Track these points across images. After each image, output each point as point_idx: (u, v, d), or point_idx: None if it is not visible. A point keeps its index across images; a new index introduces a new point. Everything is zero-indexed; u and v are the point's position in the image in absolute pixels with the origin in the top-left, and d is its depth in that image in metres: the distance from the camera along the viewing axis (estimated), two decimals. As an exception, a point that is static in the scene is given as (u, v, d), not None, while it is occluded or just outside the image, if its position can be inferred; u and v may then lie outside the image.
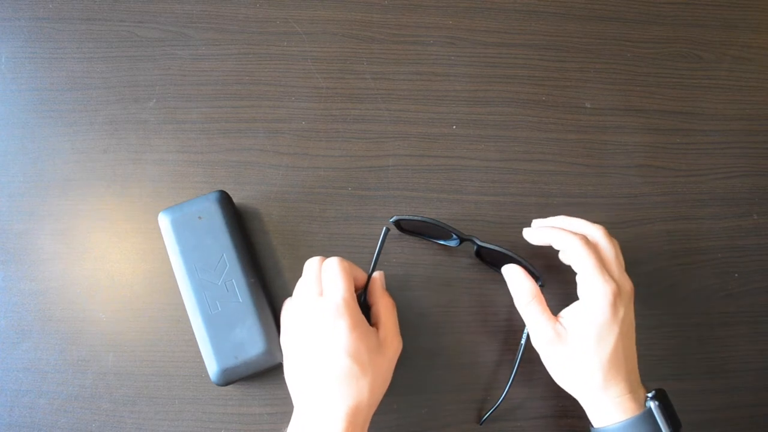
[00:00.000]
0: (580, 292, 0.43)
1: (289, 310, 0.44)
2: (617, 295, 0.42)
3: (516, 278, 0.46)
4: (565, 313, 0.45)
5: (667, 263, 0.54)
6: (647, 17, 0.61)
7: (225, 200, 0.49)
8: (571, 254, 0.44)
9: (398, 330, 0.44)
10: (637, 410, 0.41)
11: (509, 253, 0.46)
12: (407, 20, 0.59)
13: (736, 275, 0.54)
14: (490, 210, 0.54)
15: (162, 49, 0.56)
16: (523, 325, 0.49)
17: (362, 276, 0.45)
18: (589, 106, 0.58)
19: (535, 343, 0.45)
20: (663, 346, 0.52)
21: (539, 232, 0.47)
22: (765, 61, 0.61)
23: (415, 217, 0.48)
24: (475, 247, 0.49)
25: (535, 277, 0.48)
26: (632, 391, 0.42)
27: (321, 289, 0.42)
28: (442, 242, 0.52)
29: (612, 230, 0.54)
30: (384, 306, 0.44)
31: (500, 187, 0.55)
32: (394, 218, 0.49)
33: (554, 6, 0.60)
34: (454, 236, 0.49)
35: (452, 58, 0.58)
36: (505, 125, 0.57)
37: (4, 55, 0.56)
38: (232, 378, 0.45)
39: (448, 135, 0.56)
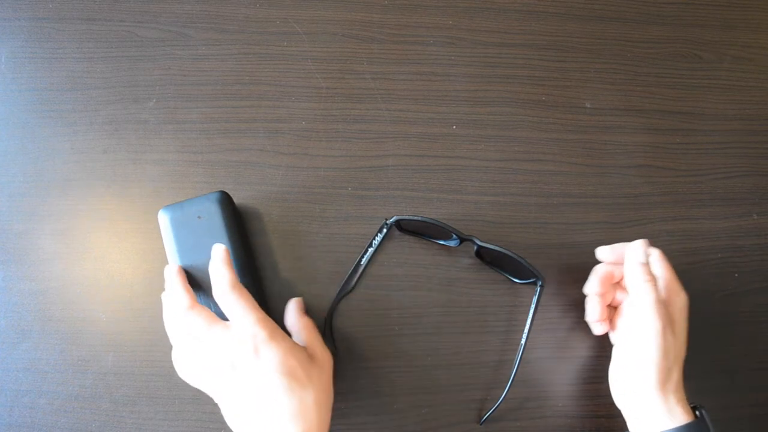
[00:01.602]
0: (667, 293, 0.45)
1: (187, 347, 0.40)
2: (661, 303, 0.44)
3: (640, 257, 0.46)
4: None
5: (667, 263, 0.54)
6: (647, 17, 0.61)
7: (225, 201, 0.49)
8: (657, 262, 0.47)
9: (324, 343, 0.45)
10: (689, 417, 0.41)
11: (509, 253, 0.46)
12: (407, 20, 0.59)
13: (736, 275, 0.54)
14: (490, 210, 0.54)
15: (162, 49, 0.56)
16: (523, 326, 0.49)
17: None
18: (589, 106, 0.58)
19: (647, 321, 0.43)
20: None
21: (616, 247, 0.49)
22: (765, 61, 0.61)
23: (416, 217, 0.48)
24: (475, 247, 0.49)
25: (535, 277, 0.48)
26: (684, 398, 0.42)
27: (208, 316, 0.40)
28: (442, 242, 0.52)
29: (612, 230, 0.54)
30: (304, 325, 0.45)
31: (500, 187, 0.55)
32: (395, 218, 0.49)
33: (554, 6, 0.60)
34: (454, 236, 0.49)
35: (452, 58, 0.58)
36: (505, 125, 0.57)
37: (4, 55, 0.56)
38: None
39: (448, 135, 0.56)
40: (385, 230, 0.51)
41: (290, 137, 0.55)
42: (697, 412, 0.42)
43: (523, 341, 0.48)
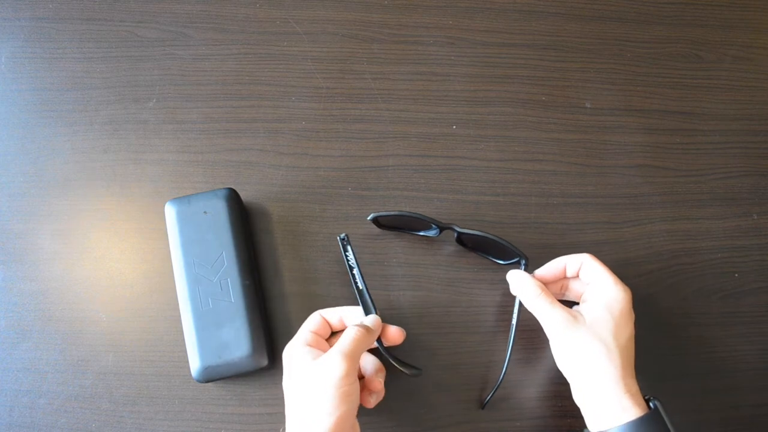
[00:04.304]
0: (595, 293, 0.45)
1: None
2: (631, 300, 0.44)
3: (518, 279, 0.47)
4: (580, 306, 0.45)
5: (667, 263, 0.54)
6: (647, 17, 0.61)
7: (233, 198, 0.49)
8: (588, 266, 0.46)
9: (345, 352, 0.40)
10: (644, 410, 0.40)
11: (488, 236, 0.46)
12: (407, 20, 0.59)
13: (736, 275, 0.54)
14: (490, 210, 0.54)
15: (162, 49, 0.56)
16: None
17: (347, 315, 0.46)
18: (589, 106, 0.58)
19: (551, 332, 0.44)
20: (663, 346, 0.52)
21: (547, 266, 0.48)
22: (765, 61, 0.61)
23: (392, 212, 0.49)
24: (456, 234, 0.50)
25: (519, 257, 0.48)
26: (638, 392, 0.42)
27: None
28: (422, 233, 0.52)
29: (612, 230, 0.54)
30: (343, 335, 0.42)
31: (500, 187, 0.55)
32: (372, 216, 0.49)
33: (554, 6, 0.60)
34: (434, 226, 0.50)
35: (452, 58, 0.58)
36: (505, 125, 0.57)
37: (4, 55, 0.56)
38: (212, 377, 0.45)
39: (448, 135, 0.56)
40: (348, 246, 0.46)
41: (290, 137, 0.55)
42: (651, 404, 0.41)
43: (514, 321, 0.47)
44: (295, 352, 0.42)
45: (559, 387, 0.50)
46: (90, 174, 0.53)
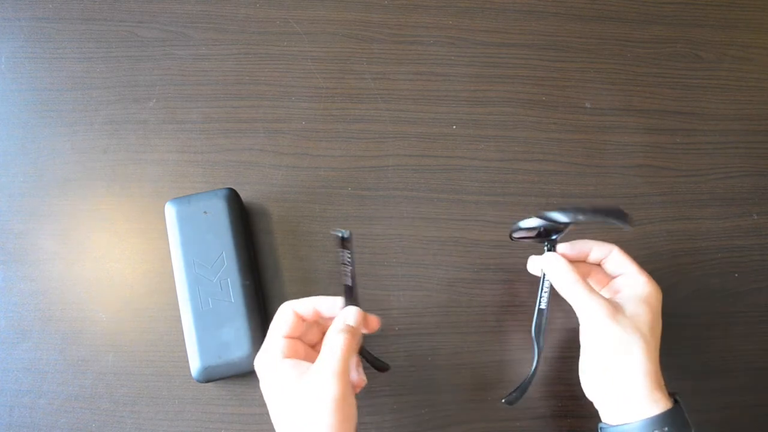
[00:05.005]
0: (630, 286, 0.44)
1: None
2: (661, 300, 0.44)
3: (554, 264, 0.45)
4: (614, 297, 0.45)
5: (667, 263, 0.54)
6: (647, 17, 0.61)
7: (233, 198, 0.49)
8: (617, 258, 0.45)
9: (337, 371, 0.36)
10: (671, 403, 0.40)
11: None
12: (407, 20, 0.59)
13: (736, 275, 0.54)
14: (490, 210, 0.54)
15: (162, 49, 0.56)
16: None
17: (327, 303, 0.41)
18: (589, 106, 0.58)
19: (589, 321, 0.42)
20: (663, 346, 0.52)
21: (573, 244, 0.46)
22: (765, 61, 0.61)
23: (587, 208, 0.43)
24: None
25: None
26: (664, 386, 0.41)
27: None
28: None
29: (612, 230, 0.54)
30: (330, 344, 0.37)
31: (500, 187, 0.55)
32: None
33: (554, 6, 0.60)
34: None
35: (452, 58, 0.58)
36: (505, 125, 0.57)
37: (4, 55, 0.56)
38: (212, 377, 0.46)
39: (448, 135, 0.56)
40: (348, 246, 0.40)
41: (290, 137, 0.55)
42: (676, 398, 0.41)
43: (543, 306, 0.46)
44: (274, 368, 0.38)
45: (560, 387, 0.50)
46: (90, 174, 0.53)
